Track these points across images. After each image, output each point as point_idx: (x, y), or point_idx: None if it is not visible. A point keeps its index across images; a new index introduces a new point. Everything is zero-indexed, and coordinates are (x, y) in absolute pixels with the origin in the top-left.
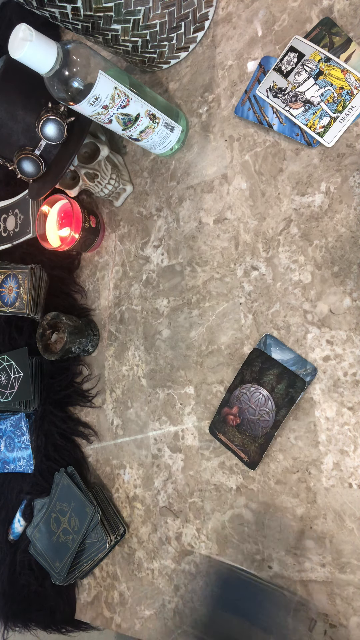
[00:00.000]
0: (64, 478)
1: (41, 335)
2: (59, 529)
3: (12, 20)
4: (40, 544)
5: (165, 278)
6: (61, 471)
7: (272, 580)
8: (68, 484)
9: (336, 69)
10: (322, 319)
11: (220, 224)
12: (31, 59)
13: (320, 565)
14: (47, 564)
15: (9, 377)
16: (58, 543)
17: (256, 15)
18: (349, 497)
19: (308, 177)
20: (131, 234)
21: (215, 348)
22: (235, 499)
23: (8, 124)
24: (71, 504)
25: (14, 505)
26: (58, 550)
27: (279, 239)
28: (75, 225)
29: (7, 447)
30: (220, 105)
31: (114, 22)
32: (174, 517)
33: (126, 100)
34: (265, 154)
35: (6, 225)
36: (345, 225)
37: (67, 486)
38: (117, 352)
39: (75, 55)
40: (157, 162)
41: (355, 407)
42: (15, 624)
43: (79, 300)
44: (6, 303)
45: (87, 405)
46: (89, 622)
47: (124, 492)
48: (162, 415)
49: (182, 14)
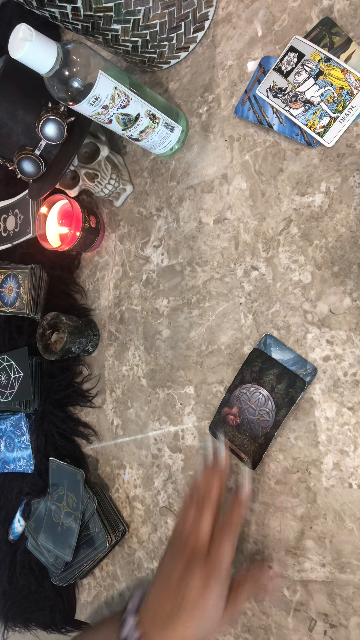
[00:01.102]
0: (52, 462)
1: (41, 335)
2: (62, 517)
3: (12, 20)
4: (45, 540)
5: (165, 278)
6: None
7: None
8: (57, 465)
9: (336, 69)
10: (322, 319)
11: (220, 224)
12: (31, 59)
13: (320, 565)
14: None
15: (9, 377)
16: (63, 530)
17: (256, 15)
18: (349, 497)
19: (308, 177)
20: (131, 234)
21: (215, 348)
22: None
23: (8, 124)
24: (64, 482)
25: (14, 505)
26: (65, 538)
27: (279, 239)
28: (75, 225)
29: (7, 447)
30: (220, 105)
31: (114, 22)
32: (174, 517)
33: (126, 100)
34: (265, 154)
35: (6, 225)
36: (345, 225)
37: (57, 468)
38: (117, 352)
39: (75, 55)
40: (157, 162)
41: (355, 407)
42: (15, 624)
43: (79, 300)
44: (6, 303)
45: (87, 405)
46: (89, 622)
47: (124, 492)
48: (162, 415)
49: (182, 14)
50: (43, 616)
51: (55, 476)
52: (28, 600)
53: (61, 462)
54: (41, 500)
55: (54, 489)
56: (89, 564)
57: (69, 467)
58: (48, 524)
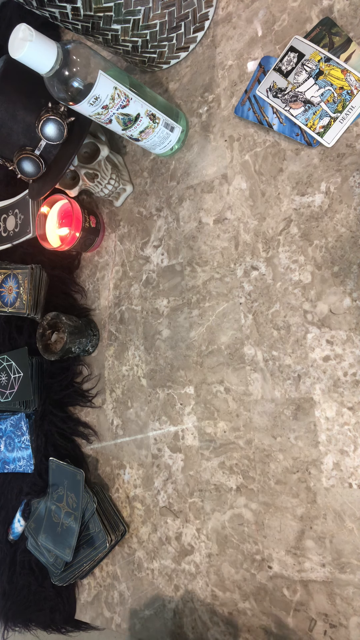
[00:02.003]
0: (52, 462)
1: (41, 335)
2: (62, 517)
3: (12, 20)
4: (45, 540)
5: (165, 278)
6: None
7: (272, 580)
8: (57, 465)
9: (336, 69)
10: (322, 319)
11: (220, 224)
12: (31, 59)
13: (320, 565)
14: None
15: (9, 377)
16: (63, 530)
17: (256, 15)
18: (349, 497)
19: (308, 177)
20: (131, 234)
21: (215, 348)
22: (235, 499)
23: (8, 124)
24: (64, 482)
25: (14, 505)
26: (65, 538)
27: (279, 239)
28: (75, 225)
29: (7, 447)
30: (220, 105)
31: (114, 22)
32: (174, 517)
33: (126, 100)
34: (265, 154)
35: (6, 225)
36: (345, 225)
37: (57, 468)
38: (117, 352)
39: (75, 55)
40: (157, 162)
41: (355, 407)
42: (15, 624)
43: (79, 300)
44: (6, 303)
45: (87, 405)
46: (89, 622)
47: (124, 492)
48: (162, 415)
49: (182, 14)
50: (43, 616)
51: (55, 476)
52: (28, 600)
53: (61, 462)
54: (41, 500)
55: (54, 489)
56: (89, 564)
57: (69, 467)
58: (48, 524)
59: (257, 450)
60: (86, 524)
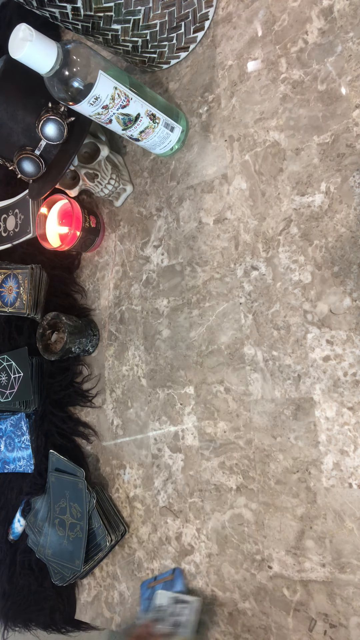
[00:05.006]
0: (52, 455)
1: (41, 335)
2: (67, 529)
3: (12, 20)
4: (52, 552)
5: (165, 278)
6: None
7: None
8: (56, 478)
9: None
10: (322, 319)
11: (220, 224)
12: (31, 59)
13: (320, 565)
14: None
15: (9, 377)
16: (70, 542)
17: (256, 15)
18: (349, 497)
19: (308, 177)
20: (131, 234)
21: (215, 348)
22: (235, 499)
23: (8, 124)
24: (66, 494)
25: (14, 505)
26: (73, 550)
27: (279, 239)
28: (75, 225)
29: (7, 447)
30: (220, 105)
31: (114, 22)
32: (174, 517)
33: (126, 100)
34: (265, 153)
35: (6, 225)
36: (345, 225)
37: (56, 481)
38: (117, 352)
39: (75, 55)
40: (157, 162)
41: (355, 407)
42: (15, 624)
43: (79, 300)
44: (6, 303)
45: (87, 405)
46: (89, 622)
47: (124, 492)
48: (162, 415)
49: (182, 14)
50: (43, 616)
51: (55, 490)
52: (28, 600)
53: (61, 457)
54: (39, 498)
55: (55, 502)
56: (89, 564)
57: (68, 477)
58: (53, 540)
59: (257, 450)
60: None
